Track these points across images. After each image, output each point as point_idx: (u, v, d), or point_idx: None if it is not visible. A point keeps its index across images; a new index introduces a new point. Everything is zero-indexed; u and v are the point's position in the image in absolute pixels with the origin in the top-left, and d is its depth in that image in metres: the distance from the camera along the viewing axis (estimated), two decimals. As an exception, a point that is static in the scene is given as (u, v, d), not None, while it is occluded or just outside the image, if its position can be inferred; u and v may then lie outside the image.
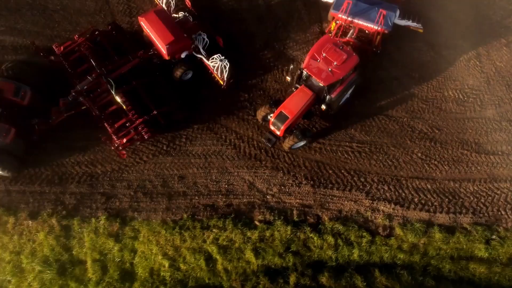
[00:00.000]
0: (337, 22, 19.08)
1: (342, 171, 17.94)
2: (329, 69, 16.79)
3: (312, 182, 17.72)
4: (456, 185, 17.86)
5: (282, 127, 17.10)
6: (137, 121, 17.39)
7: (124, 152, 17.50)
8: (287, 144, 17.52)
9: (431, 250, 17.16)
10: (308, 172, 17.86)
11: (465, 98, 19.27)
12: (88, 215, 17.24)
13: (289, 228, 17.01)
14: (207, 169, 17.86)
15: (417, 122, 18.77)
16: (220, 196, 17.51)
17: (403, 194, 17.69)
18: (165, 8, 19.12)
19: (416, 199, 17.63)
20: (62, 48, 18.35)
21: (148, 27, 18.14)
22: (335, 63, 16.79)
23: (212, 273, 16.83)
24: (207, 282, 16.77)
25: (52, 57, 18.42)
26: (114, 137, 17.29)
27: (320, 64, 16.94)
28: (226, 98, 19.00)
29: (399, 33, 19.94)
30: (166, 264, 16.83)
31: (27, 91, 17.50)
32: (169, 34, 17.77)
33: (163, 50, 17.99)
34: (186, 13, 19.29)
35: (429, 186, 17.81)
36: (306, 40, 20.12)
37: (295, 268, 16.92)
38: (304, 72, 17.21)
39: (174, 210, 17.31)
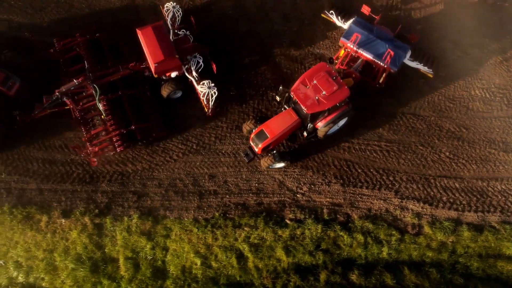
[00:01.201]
0: (346, 50, 18.66)
1: (371, 170, 18.08)
2: (316, 98, 16.42)
3: (341, 181, 17.87)
4: (484, 184, 18.02)
5: (260, 145, 16.86)
6: (113, 133, 17.32)
7: (95, 160, 17.49)
8: (264, 163, 17.38)
9: (459, 248, 17.36)
10: (337, 171, 18.00)
11: (492, 97, 19.36)
12: (120, 213, 17.40)
13: (319, 226, 17.20)
14: (237, 167, 17.99)
15: (445, 121, 18.87)
16: (250, 194, 17.67)
17: (432, 193, 17.85)
18: (170, 23, 18.78)
19: (444, 198, 17.79)
20: (61, 43, 18.47)
21: (142, 41, 17.63)
22: (323, 92, 16.36)
23: (243, 271, 17.03)
24: (238, 279, 16.98)
25: (52, 50, 18.52)
26: (87, 143, 17.35)
27: (308, 91, 16.58)
28: (252, 97, 19.10)
29: (426, 31, 20.00)
30: (198, 262, 17.02)
31: (15, 82, 17.69)
32: (159, 53, 17.26)
33: (151, 67, 17.61)
34: (188, 31, 18.78)
35: (457, 185, 17.97)
36: (332, 37, 20.12)
37: (325, 266, 17.12)
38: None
39: (205, 208, 17.47)
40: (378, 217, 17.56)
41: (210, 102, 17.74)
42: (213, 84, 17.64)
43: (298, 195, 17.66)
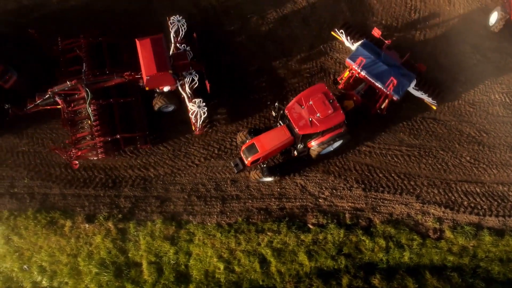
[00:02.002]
0: (351, 71, 18.32)
1: (392, 174, 18.17)
2: (310, 119, 16.33)
3: (363, 185, 17.96)
4: (505, 188, 18.11)
5: (250, 159, 16.82)
6: (97, 139, 17.33)
7: (77, 162, 17.50)
8: (253, 175, 17.39)
9: (481, 252, 17.47)
10: (359, 176, 18.09)
11: (512, 102, 19.46)
12: (144, 218, 17.50)
13: (342, 231, 17.30)
14: (259, 172, 18.08)
15: (465, 125, 18.93)
16: (273, 199, 17.76)
17: (453, 198, 17.94)
18: (173, 35, 18.66)
19: (465, 203, 17.89)
20: (64, 43, 18.51)
21: (139, 52, 17.43)
22: (318, 114, 16.29)
23: (266, 275, 17.15)
24: (261, 284, 17.10)
25: (54, 48, 18.58)
26: (72, 145, 17.39)
27: (303, 111, 16.49)
28: (272, 102, 19.16)
29: (445, 36, 20.05)
30: (221, 266, 17.13)
31: (12, 75, 17.75)
32: (153, 67, 17.07)
33: (143, 79, 17.45)
34: (188, 47, 18.62)
35: (478, 190, 18.07)
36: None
37: (347, 270, 17.24)
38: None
39: (228, 213, 17.57)
40: (399, 222, 17.65)
41: (199, 121, 17.61)
42: (203, 104, 17.49)
43: (320, 200, 17.75)
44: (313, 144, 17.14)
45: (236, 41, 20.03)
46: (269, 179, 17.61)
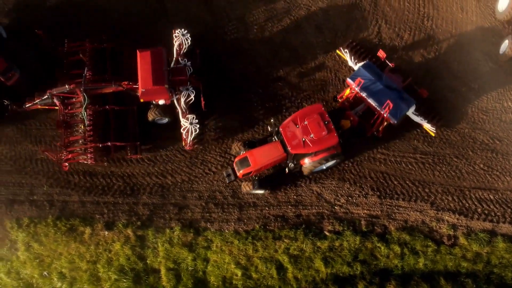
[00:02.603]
0: (351, 90, 18.19)
1: (407, 181, 18.39)
2: (303, 139, 16.46)
3: (378, 193, 18.18)
4: (518, 195, 18.38)
5: (241, 171, 17.01)
6: (89, 144, 17.50)
7: (66, 164, 17.69)
8: (245, 187, 17.53)
9: (494, 259, 17.71)
10: (374, 183, 18.31)
11: (525, 109, 19.65)
12: (162, 225, 17.74)
13: (358, 238, 17.55)
14: (275, 180, 18.27)
15: (478, 133, 19.13)
16: (289, 206, 17.99)
17: (467, 205, 18.17)
18: (176, 49, 18.66)
19: (479, 210, 18.12)
20: (70, 45, 18.72)
21: (138, 63, 17.51)
22: (311, 135, 16.41)
23: (282, 282, 17.42)
24: (277, 290, 17.41)
25: (60, 49, 18.78)
26: (63, 148, 17.60)
27: (297, 131, 16.61)
28: (288, 109, 19.36)
29: (458, 44, 20.22)
30: (239, 273, 17.38)
31: (15, 74, 18.00)
32: (150, 80, 17.15)
33: (139, 92, 17.52)
34: (189, 62, 18.57)
35: (491, 197, 18.29)
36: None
37: (363, 276, 17.50)
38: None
39: (245, 220, 17.80)
40: (414, 229, 17.89)
41: (189, 138, 17.69)
42: (196, 121, 17.57)
43: (336, 207, 17.98)
44: (306, 161, 17.21)
45: (251, 49, 20.19)
46: (259, 191, 17.77)
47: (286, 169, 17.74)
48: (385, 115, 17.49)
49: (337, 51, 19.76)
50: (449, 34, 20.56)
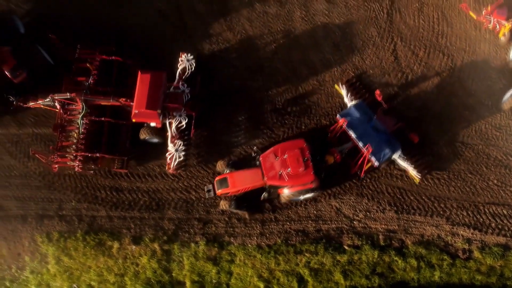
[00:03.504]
0: (341, 126, 18.44)
1: (423, 197, 19.01)
2: (280, 172, 16.98)
3: (395, 208, 18.81)
4: (531, 210, 18.99)
5: (219, 191, 17.66)
6: (78, 153, 18.04)
7: (56, 166, 18.25)
8: (222, 204, 18.04)
9: (507, 271, 18.39)
10: (391, 198, 18.94)
11: (537, 126, 20.19)
12: (187, 240, 18.43)
13: (376, 252, 18.22)
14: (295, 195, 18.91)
15: (492, 149, 19.70)
16: (310, 221, 18.64)
17: (481, 219, 18.80)
18: (179, 72, 19.06)
19: (493, 224, 18.75)
20: (82, 52, 19.28)
21: (137, 84, 17.99)
22: (289, 169, 16.91)
23: (303, 294, 18.15)
24: (298, 302, 18.10)
25: (71, 54, 19.34)
26: (55, 151, 18.25)
27: (275, 163, 17.13)
28: (307, 125, 19.95)
29: (472, 61, 20.74)
30: (261, 285, 18.11)
31: (23, 72, 18.69)
32: (143, 103, 17.59)
33: (132, 111, 18.04)
34: (188, 89, 18.97)
35: (505, 212, 18.90)
36: (381, 66, 20.86)
37: (380, 288, 18.23)
38: None
39: (267, 235, 18.47)
40: (430, 243, 18.54)
41: (173, 163, 18.10)
42: (182, 148, 18.09)
43: (354, 222, 18.63)
44: (284, 191, 17.72)
45: (270, 66, 20.74)
46: (238, 211, 18.31)
47: (262, 197, 18.17)
48: (367, 157, 17.75)
49: (335, 85, 20.08)
50: (463, 52, 21.05)
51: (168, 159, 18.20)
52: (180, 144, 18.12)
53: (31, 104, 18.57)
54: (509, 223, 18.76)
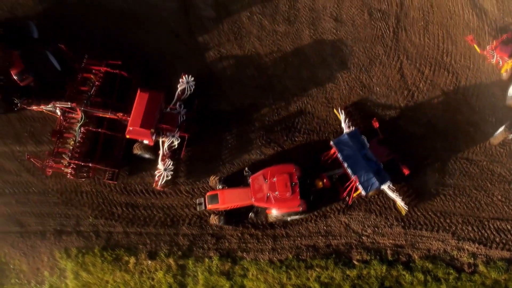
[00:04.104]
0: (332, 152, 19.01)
1: (429, 212, 19.60)
2: (268, 194, 17.63)
3: (402, 223, 19.41)
4: (534, 225, 19.59)
5: (210, 206, 18.38)
6: (72, 160, 18.72)
7: (50, 170, 18.86)
8: (212, 219, 18.69)
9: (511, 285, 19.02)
10: (398, 214, 19.52)
11: (540, 142, 20.77)
12: (201, 255, 19.03)
13: (384, 266, 18.83)
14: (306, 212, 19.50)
15: (496, 165, 20.28)
16: (320, 237, 19.24)
17: (486, 234, 19.40)
18: (178, 93, 19.67)
19: (497, 239, 19.35)
20: (88, 62, 19.87)
21: (135, 101, 18.58)
22: (276, 193, 17.59)
23: (314, 307, 18.76)
24: (309, 315, 18.71)
25: (77, 64, 19.98)
26: (51, 156, 18.86)
27: (264, 185, 17.80)
28: (315, 144, 20.55)
29: (476, 78, 21.31)
30: (273, 299, 18.72)
31: (29, 77, 19.35)
32: (138, 121, 18.15)
33: (127, 128, 18.54)
34: (184, 110, 19.56)
35: (509, 227, 19.51)
36: (388, 84, 21.44)
37: (388, 302, 18.84)
38: None
39: (279, 250, 19.07)
40: (437, 257, 19.15)
41: (160, 181, 18.71)
42: (171, 168, 18.72)
43: (363, 237, 19.23)
44: (272, 211, 18.32)
45: (280, 84, 21.34)
46: (226, 226, 18.93)
47: (249, 216, 18.88)
48: (355, 186, 18.20)
49: (334, 110, 20.54)
50: (467, 69, 21.63)
51: (156, 176, 18.84)
52: (170, 163, 18.78)
53: (34, 108, 19.24)
54: (513, 237, 19.41)
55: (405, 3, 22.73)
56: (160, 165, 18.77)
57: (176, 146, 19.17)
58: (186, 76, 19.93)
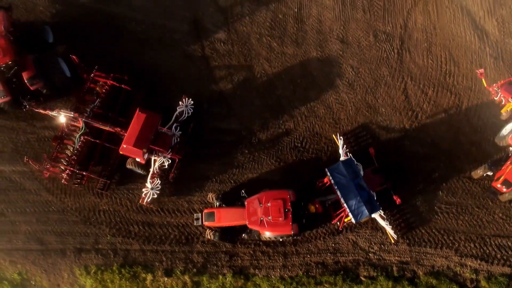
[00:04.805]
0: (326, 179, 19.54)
1: (433, 230, 20.44)
2: (261, 218, 18.45)
3: (408, 240, 20.25)
4: (534, 242, 20.44)
5: (206, 223, 19.22)
6: (68, 167, 19.72)
7: (46, 173, 19.84)
8: (208, 234, 19.48)
9: (512, 300, 19.90)
10: (403, 232, 20.34)
11: (538, 161, 21.57)
12: (215, 272, 19.85)
13: (390, 283, 19.68)
14: (315, 230, 20.34)
15: (497, 184, 21.14)
16: (328, 254, 20.08)
17: (487, 251, 20.25)
18: (176, 114, 20.41)
19: (498, 255, 20.20)
20: (96, 73, 20.78)
21: (133, 120, 19.37)
22: (269, 217, 18.35)
23: (323, 322, 19.61)
24: (318, 329, 19.57)
25: (86, 74, 20.93)
26: (49, 160, 19.85)
27: (259, 209, 18.55)
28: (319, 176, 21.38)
29: (478, 99, 22.13)
30: (284, 314, 19.57)
31: (40, 82, 20.45)
32: (132, 140, 18.90)
33: (121, 145, 19.34)
34: (180, 132, 20.29)
35: (509, 244, 20.35)
36: (393, 104, 22.26)
37: (394, 316, 19.70)
38: None
39: (290, 267, 19.90)
40: (440, 273, 19.98)
41: (146, 198, 19.54)
42: (158, 187, 19.56)
43: (370, 254, 20.07)
44: (265, 232, 19.09)
45: (289, 105, 22.17)
46: (221, 242, 19.78)
47: (242, 235, 19.69)
48: (346, 213, 18.90)
49: (333, 136, 21.22)
50: (469, 90, 22.45)
51: (143, 194, 19.67)
52: (158, 183, 19.60)
53: (40, 111, 20.08)
54: (514, 254, 20.27)
55: (409, 25, 23.61)
56: (148, 183, 19.63)
57: (166, 167, 19.99)
58: (186, 99, 20.82)
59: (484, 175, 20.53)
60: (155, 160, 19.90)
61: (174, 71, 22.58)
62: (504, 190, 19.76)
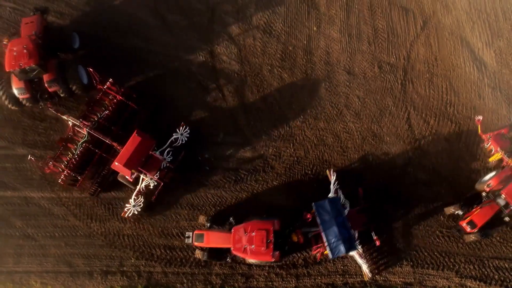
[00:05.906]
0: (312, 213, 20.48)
1: (435, 253, 21.90)
2: (245, 246, 19.74)
3: (411, 263, 21.71)
4: (529, 264, 21.90)
5: (196, 243, 20.73)
6: (66, 169, 21.51)
7: (48, 169, 21.58)
8: (197, 253, 20.91)
9: (509, 318, 21.35)
10: (407, 254, 21.80)
11: (533, 187, 22.99)
12: (233, 293, 21.38)
13: (395, 303, 21.18)
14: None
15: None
16: (337, 276, 21.54)
17: (486, 272, 21.70)
18: (171, 139, 21.98)
19: (496, 276, 21.65)
20: (109, 86, 22.36)
21: (128, 141, 21.06)
22: (253, 246, 19.64)
23: (333, 339, 21.09)
24: None
25: (100, 85, 22.51)
26: (52, 159, 21.65)
27: (243, 237, 19.86)
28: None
29: (477, 128, 23.56)
30: (297, 332, 21.05)
31: (57, 85, 22.30)
32: (124, 159, 20.66)
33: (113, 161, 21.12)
34: (171, 158, 21.71)
35: (506, 265, 21.79)
36: (397, 133, 23.71)
37: (399, 333, 21.17)
38: None
39: (302, 288, 21.43)
40: (442, 293, 21.51)
41: (128, 213, 21.31)
42: (140, 205, 21.33)
43: (376, 276, 21.50)
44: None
45: (299, 134, 23.63)
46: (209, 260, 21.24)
47: (227, 258, 21.06)
48: (325, 249, 19.98)
49: (326, 171, 22.39)
50: (468, 119, 23.90)
51: (126, 208, 21.39)
52: (141, 201, 21.40)
53: (53, 111, 21.91)
54: (510, 275, 21.66)
55: (412, 56, 25.07)
56: (132, 200, 21.34)
57: (151, 188, 21.62)
58: (183, 127, 22.42)
59: (455, 213, 21.77)
60: (142, 179, 21.52)
61: (189, 100, 24.05)
62: (468, 230, 21.07)
